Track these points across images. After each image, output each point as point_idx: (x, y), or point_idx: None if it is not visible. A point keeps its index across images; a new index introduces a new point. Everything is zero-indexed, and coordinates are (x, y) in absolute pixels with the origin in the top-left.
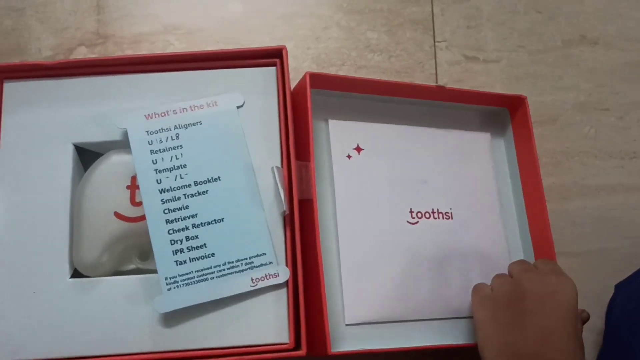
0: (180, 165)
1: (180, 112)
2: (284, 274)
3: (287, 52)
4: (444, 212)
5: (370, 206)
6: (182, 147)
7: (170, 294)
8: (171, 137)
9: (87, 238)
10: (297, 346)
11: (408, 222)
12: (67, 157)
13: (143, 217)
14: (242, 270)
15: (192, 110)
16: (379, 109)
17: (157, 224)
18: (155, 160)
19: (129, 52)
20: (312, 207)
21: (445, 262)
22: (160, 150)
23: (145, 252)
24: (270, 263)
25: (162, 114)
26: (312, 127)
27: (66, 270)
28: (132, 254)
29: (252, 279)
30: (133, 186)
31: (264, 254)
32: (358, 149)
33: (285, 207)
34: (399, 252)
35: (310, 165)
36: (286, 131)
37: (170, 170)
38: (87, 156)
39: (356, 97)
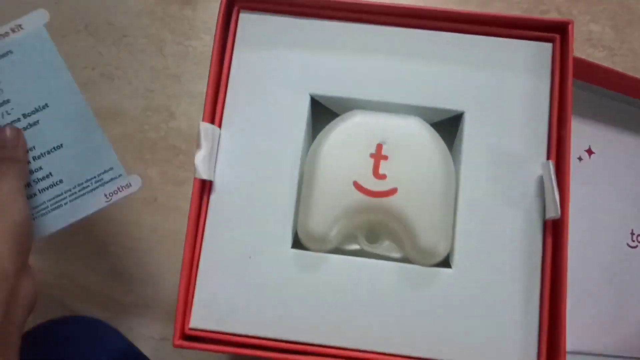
0: (3, 101)
1: None
2: (136, 183)
3: (573, 27)
4: None
5: (591, 219)
6: (0, 83)
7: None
8: None
9: (318, 207)
10: None
11: (628, 245)
12: (303, 108)
13: (387, 193)
14: (94, 189)
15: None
16: (610, 106)
17: None
18: None
19: None
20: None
21: None
22: None
23: (374, 233)
24: (120, 175)
25: None
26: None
27: (289, 239)
28: (360, 233)
29: (105, 195)
30: (378, 155)
31: (111, 168)
32: (589, 152)
33: (557, 212)
34: (616, 279)
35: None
36: (560, 123)
37: None
38: (318, 112)
39: (587, 89)
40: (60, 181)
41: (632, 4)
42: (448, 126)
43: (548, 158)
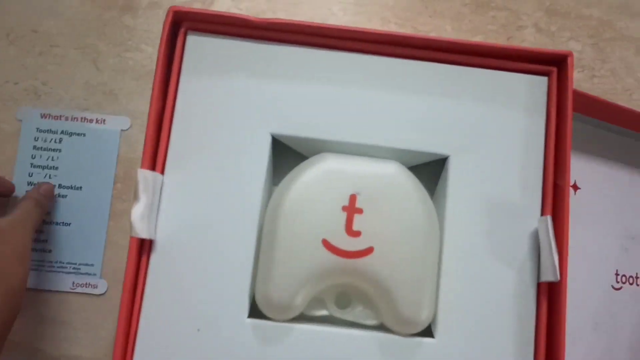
0: (53, 166)
1: (72, 120)
2: (102, 287)
3: (572, 60)
4: None
5: (579, 263)
6: (60, 151)
7: None
8: (55, 139)
9: (281, 269)
10: None
11: (613, 287)
12: (263, 150)
13: (361, 253)
14: (69, 273)
15: (81, 121)
16: (597, 137)
17: None
18: (34, 155)
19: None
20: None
21: None
22: (42, 148)
23: (345, 297)
24: (94, 274)
25: (55, 117)
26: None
27: (245, 307)
28: (329, 298)
29: (73, 282)
30: (352, 208)
31: (92, 264)
32: (575, 187)
33: (555, 275)
34: (602, 324)
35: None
36: (557, 170)
37: (43, 168)
38: (281, 154)
39: (584, 122)
40: (50, 251)
41: (613, 20)
42: (430, 167)
43: (543, 210)
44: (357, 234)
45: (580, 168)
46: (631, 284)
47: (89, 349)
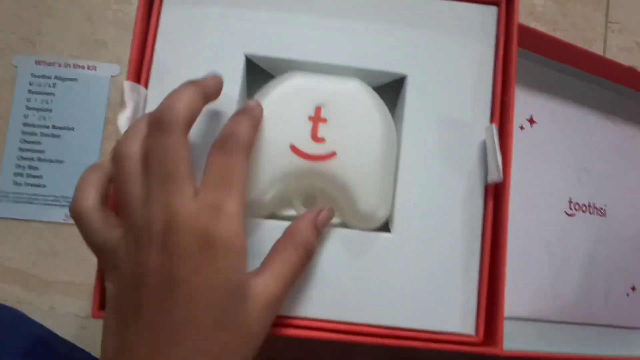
0: (48, 109)
1: (64, 67)
2: None
3: None
4: (598, 208)
5: (534, 188)
6: (54, 95)
7: (1, 204)
8: (49, 84)
9: (253, 171)
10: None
11: (566, 213)
12: (237, 69)
13: (325, 157)
14: (61, 206)
15: (74, 67)
16: (552, 77)
17: (12, 148)
18: (29, 99)
19: None
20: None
21: (593, 264)
22: (36, 92)
23: (312, 198)
24: None
25: (49, 64)
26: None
27: None
28: (296, 198)
29: (65, 215)
30: (317, 118)
31: None
32: (531, 121)
33: (499, 176)
34: (554, 246)
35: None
36: (504, 88)
37: (37, 110)
38: (254, 74)
39: (531, 59)
40: (44, 186)
41: None
42: (390, 90)
43: (491, 123)
44: (321, 140)
45: (538, 105)
46: (584, 212)
47: (80, 276)
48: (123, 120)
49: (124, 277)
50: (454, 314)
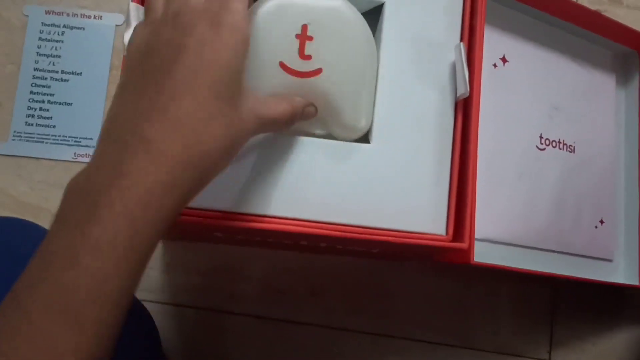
0: (57, 55)
1: (72, 16)
2: None
3: None
4: (568, 145)
5: (507, 122)
6: (63, 42)
7: (14, 143)
8: (58, 32)
9: None
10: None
11: (537, 147)
12: None
13: (312, 73)
14: (71, 145)
15: (81, 17)
16: (524, 21)
17: (24, 91)
18: (40, 45)
19: None
20: (471, 97)
21: (563, 195)
22: (46, 39)
23: None
24: (93, 147)
25: (58, 13)
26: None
27: None
28: None
29: (74, 153)
30: (304, 36)
31: (91, 138)
32: (504, 60)
33: (466, 89)
34: (525, 176)
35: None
36: (472, 12)
37: (47, 56)
38: None
39: (503, 3)
40: (54, 126)
41: None
42: (370, 18)
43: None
44: (308, 57)
45: (511, 45)
46: (554, 147)
47: None
48: (128, 38)
49: (132, 52)
50: (426, 217)
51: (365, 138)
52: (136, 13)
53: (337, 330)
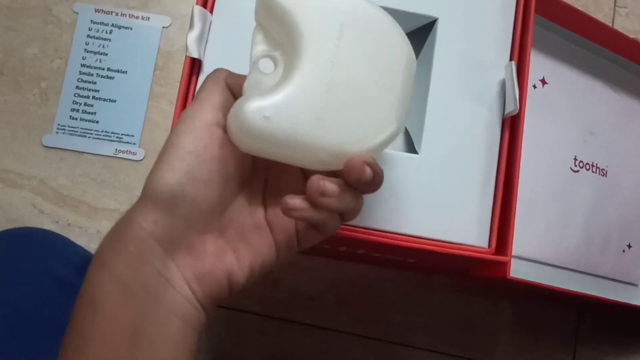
0: (104, 52)
1: (120, 16)
2: (140, 154)
3: None
4: (600, 168)
5: (543, 142)
6: (110, 41)
7: (57, 135)
8: (106, 30)
9: None
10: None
11: (571, 168)
12: None
13: None
14: (112, 141)
15: (129, 17)
16: (565, 46)
17: (70, 86)
18: (88, 42)
19: None
20: (518, 115)
21: (593, 217)
22: (94, 37)
23: None
24: (134, 144)
25: (107, 12)
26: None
27: None
28: None
29: (116, 149)
30: None
31: (133, 135)
32: (543, 82)
33: (516, 106)
34: (559, 196)
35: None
36: (523, 32)
37: (94, 53)
38: None
39: (546, 27)
40: (97, 122)
41: None
42: (417, 37)
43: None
44: None
45: (550, 69)
46: (587, 170)
47: (125, 205)
48: (191, 40)
49: None
50: (470, 229)
51: (413, 148)
52: (200, 17)
53: (362, 337)
